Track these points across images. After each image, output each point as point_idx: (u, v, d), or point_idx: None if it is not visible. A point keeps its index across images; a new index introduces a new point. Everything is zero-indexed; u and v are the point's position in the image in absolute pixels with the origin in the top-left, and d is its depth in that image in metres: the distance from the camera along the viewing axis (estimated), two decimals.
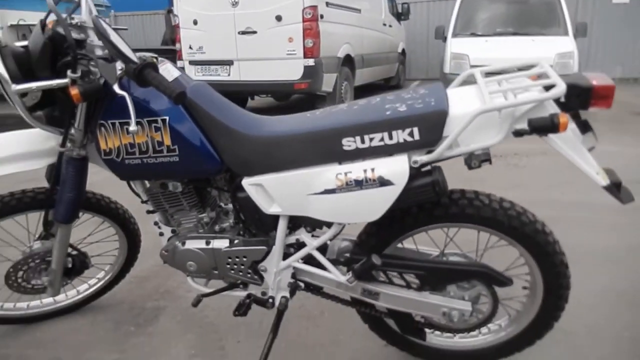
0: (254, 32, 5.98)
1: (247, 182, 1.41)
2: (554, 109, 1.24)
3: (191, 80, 1.48)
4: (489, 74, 1.43)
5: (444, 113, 1.24)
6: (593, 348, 1.75)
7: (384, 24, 8.48)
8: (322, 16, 5.92)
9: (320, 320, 1.95)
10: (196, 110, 1.41)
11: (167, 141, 1.39)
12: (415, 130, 1.26)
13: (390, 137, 1.28)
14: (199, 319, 1.98)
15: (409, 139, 1.27)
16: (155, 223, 1.66)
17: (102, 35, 1.19)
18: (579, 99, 1.24)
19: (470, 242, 1.62)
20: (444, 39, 6.91)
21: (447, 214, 1.41)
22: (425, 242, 1.60)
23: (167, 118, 1.37)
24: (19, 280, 1.76)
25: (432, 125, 1.25)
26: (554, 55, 5.80)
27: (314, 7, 5.74)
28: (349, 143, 1.30)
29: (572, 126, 1.28)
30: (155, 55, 1.42)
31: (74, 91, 1.31)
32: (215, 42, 6.22)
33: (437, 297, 1.50)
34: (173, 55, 6.95)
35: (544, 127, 1.19)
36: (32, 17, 7.90)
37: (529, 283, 1.54)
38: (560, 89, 1.17)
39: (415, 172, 1.29)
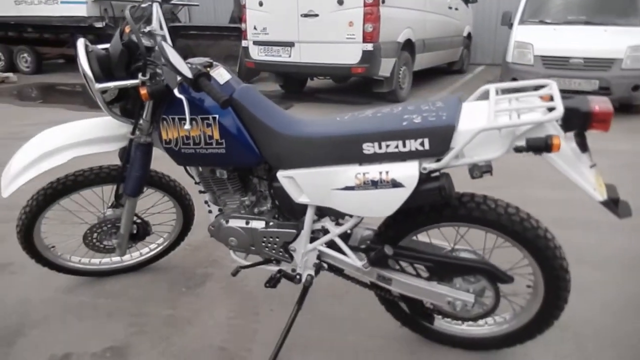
0: (316, 15, 6.14)
1: (281, 174, 1.64)
2: (555, 129, 1.35)
3: (240, 83, 1.71)
4: (505, 90, 1.55)
5: (452, 127, 1.39)
6: (599, 351, 1.85)
7: (450, 7, 8.33)
8: (383, 1, 5.97)
9: (345, 298, 2.17)
10: (242, 110, 1.63)
11: (216, 136, 1.63)
12: (426, 141, 1.42)
13: (404, 145, 1.45)
14: (240, 287, 2.26)
15: (420, 148, 1.43)
16: (206, 202, 1.93)
17: (164, 56, 1.43)
18: (579, 122, 1.35)
19: (482, 239, 1.76)
20: (510, 26, 6.73)
21: (456, 215, 1.57)
22: (440, 237, 1.76)
23: (217, 116, 1.61)
24: (94, 240, 2.12)
25: (440, 138, 1.41)
26: (625, 48, 5.53)
27: None
28: (369, 148, 1.49)
29: (572, 145, 1.39)
30: (210, 61, 1.66)
31: (143, 91, 1.58)
32: (278, 24, 6.45)
33: (444, 287, 1.67)
34: (239, 34, 7.28)
35: (538, 146, 1.32)
36: None
37: (532, 282, 1.67)
38: (557, 113, 1.29)
39: (425, 177, 1.46)
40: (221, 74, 1.67)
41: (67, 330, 1.98)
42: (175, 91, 1.52)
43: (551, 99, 1.41)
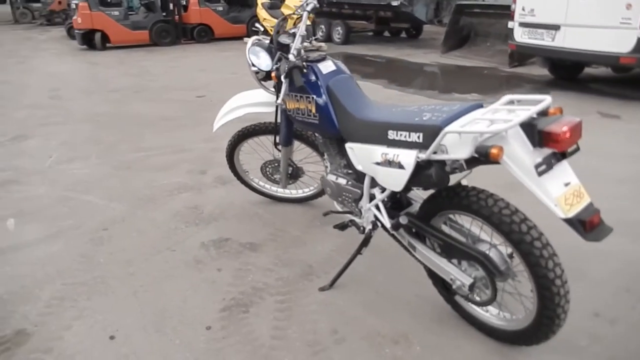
0: None
1: (347, 145, 2.18)
2: (510, 140, 1.49)
3: (340, 73, 2.29)
4: (522, 101, 1.66)
5: (439, 128, 1.67)
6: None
7: None
8: None
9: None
10: (332, 94, 2.22)
11: (313, 110, 2.28)
12: (421, 135, 1.74)
13: (409, 137, 1.80)
14: (345, 233, 2.84)
15: (418, 140, 1.76)
16: (323, 159, 2.62)
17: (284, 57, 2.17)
18: (537, 139, 1.44)
19: None
20: None
21: (461, 205, 1.81)
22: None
23: (314, 96, 2.26)
24: (267, 172, 3.09)
25: (430, 134, 1.70)
26: None
27: None
28: (391, 134, 1.89)
29: (537, 160, 1.48)
30: (323, 55, 2.30)
31: (272, 74, 2.36)
32: (546, 5, 6.14)
33: (450, 265, 1.93)
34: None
35: (481, 154, 1.49)
36: None
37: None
38: (502, 127, 1.44)
39: (420, 164, 1.77)
40: (327, 66, 2.29)
41: (239, 225, 3.04)
42: (282, 77, 2.24)
43: (545, 113, 1.52)
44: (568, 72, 7.07)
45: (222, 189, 3.58)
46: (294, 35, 2.45)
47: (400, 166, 1.84)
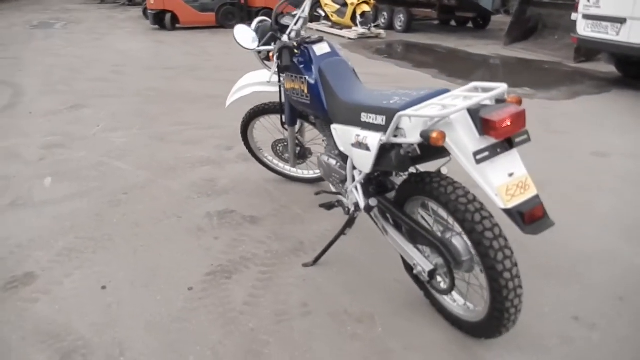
0: None
1: (332, 126, 2.22)
2: (454, 126, 1.47)
3: (334, 56, 2.32)
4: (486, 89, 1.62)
5: (395, 111, 1.67)
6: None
7: None
8: None
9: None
10: (322, 75, 2.27)
11: (305, 90, 2.34)
12: (384, 118, 1.75)
13: (376, 119, 1.81)
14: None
15: (382, 123, 1.77)
16: (323, 140, 2.67)
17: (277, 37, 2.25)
18: (479, 126, 1.42)
19: None
20: None
21: (424, 190, 1.81)
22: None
23: (306, 77, 2.31)
24: (277, 151, 3.19)
25: (389, 118, 1.71)
26: None
27: None
28: (364, 117, 1.91)
29: (479, 147, 1.45)
30: (321, 38, 2.34)
31: (271, 54, 2.44)
32: None
33: (414, 251, 1.94)
34: None
35: (424, 138, 1.48)
36: None
37: None
38: (445, 112, 1.43)
39: (387, 147, 1.78)
40: (321, 48, 2.33)
41: (247, 199, 3.17)
42: (275, 57, 2.31)
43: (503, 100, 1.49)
44: (637, 69, 6.54)
45: (242, 165, 3.73)
46: (293, 16, 2.51)
47: (367, 148, 1.86)
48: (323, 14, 11.65)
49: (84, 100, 5.52)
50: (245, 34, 2.53)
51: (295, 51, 2.28)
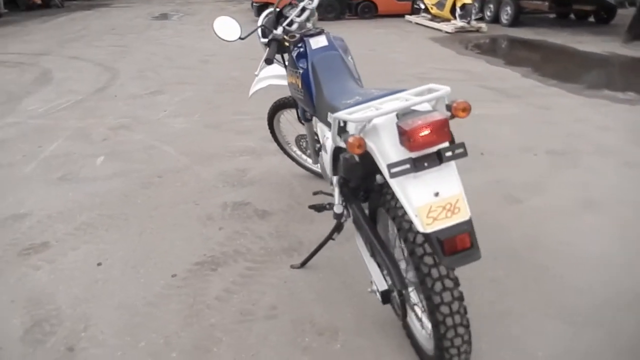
0: None
1: (318, 124, 2.10)
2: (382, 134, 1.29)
3: (331, 50, 2.18)
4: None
5: (336, 112, 1.51)
6: None
7: None
8: None
9: None
10: (314, 70, 2.15)
11: (299, 85, 2.23)
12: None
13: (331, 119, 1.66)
14: None
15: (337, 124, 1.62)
16: None
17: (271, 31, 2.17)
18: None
19: None
20: None
21: (379, 201, 1.63)
22: None
23: (300, 72, 2.20)
24: (301, 145, 3.12)
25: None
26: None
27: None
28: (329, 116, 1.76)
29: (396, 158, 1.26)
30: (320, 30, 2.21)
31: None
32: None
33: (374, 267, 1.76)
34: None
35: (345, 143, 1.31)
36: None
37: None
38: (359, 116, 1.25)
39: (338, 150, 1.63)
40: (318, 41, 2.20)
41: (266, 193, 3.16)
42: (267, 49, 2.23)
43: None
44: None
45: (278, 157, 3.70)
46: (295, 6, 2.41)
47: (326, 149, 1.73)
48: (422, 6, 11.21)
49: (165, 87, 5.92)
50: (226, 25, 2.46)
51: (286, 44, 2.18)
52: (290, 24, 2.31)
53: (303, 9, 2.39)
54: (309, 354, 1.87)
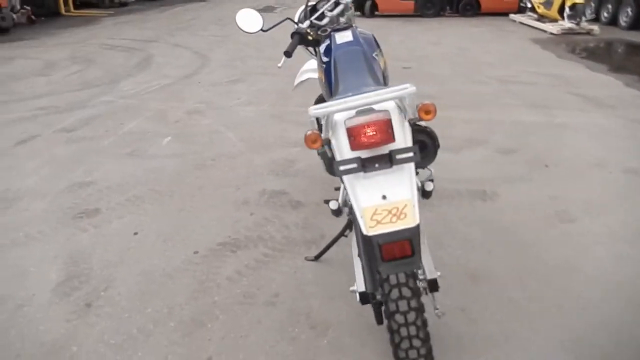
0: None
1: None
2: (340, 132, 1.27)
3: (355, 45, 2.15)
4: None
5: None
6: None
7: None
8: None
9: None
10: (335, 65, 2.14)
11: (323, 79, 2.24)
12: None
13: None
14: None
15: None
16: None
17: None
18: None
19: None
20: None
21: None
22: None
23: (324, 65, 2.21)
24: None
25: None
26: None
27: None
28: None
29: (346, 157, 1.23)
30: (348, 25, 2.20)
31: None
32: None
33: (359, 268, 1.73)
34: None
35: None
36: None
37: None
38: (316, 111, 1.24)
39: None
40: (343, 36, 2.19)
41: (306, 185, 3.21)
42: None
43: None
44: None
45: None
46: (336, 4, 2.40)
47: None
48: (529, 5, 10.47)
49: (246, 76, 6.20)
50: (249, 17, 2.51)
51: (309, 38, 2.19)
52: (322, 18, 2.32)
53: (337, 3, 2.39)
54: (294, 345, 1.89)
